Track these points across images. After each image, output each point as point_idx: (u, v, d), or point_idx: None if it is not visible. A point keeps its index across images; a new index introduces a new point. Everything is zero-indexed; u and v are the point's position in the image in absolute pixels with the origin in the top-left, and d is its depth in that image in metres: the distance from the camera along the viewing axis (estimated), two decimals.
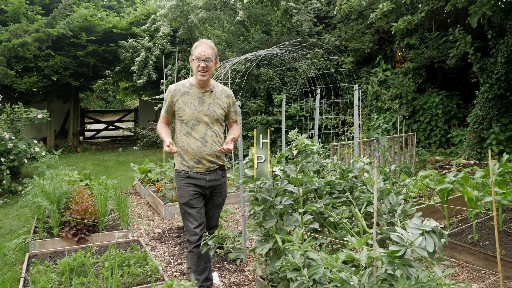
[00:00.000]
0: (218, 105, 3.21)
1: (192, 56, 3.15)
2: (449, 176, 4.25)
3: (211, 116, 3.17)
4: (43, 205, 5.03)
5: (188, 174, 3.18)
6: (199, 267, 3.23)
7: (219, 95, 3.24)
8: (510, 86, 7.51)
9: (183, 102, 3.15)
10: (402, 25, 7.81)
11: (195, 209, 3.19)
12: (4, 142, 8.09)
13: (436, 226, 2.25)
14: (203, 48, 3.10)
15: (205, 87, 3.19)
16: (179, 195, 3.27)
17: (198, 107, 3.15)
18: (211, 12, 9.87)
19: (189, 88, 3.18)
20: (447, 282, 2.66)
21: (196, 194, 3.20)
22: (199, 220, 3.21)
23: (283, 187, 2.94)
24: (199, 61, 3.06)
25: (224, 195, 3.38)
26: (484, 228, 4.34)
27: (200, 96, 3.17)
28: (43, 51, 11.25)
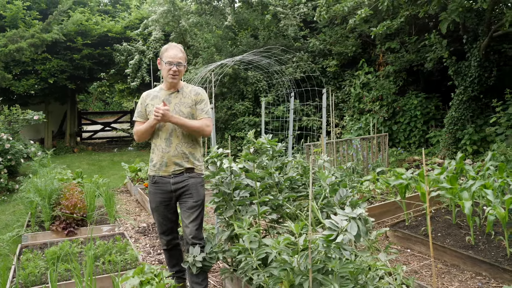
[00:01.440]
0: (184, 104, 3.17)
1: (162, 59, 3.12)
2: (406, 173, 4.61)
3: (177, 116, 3.12)
4: (35, 201, 5.42)
5: (154, 179, 3.18)
6: (171, 262, 3.48)
7: (187, 94, 3.21)
8: (483, 89, 7.86)
9: (152, 106, 3.15)
10: (381, 30, 8.18)
11: (160, 216, 3.25)
12: (2, 143, 8.48)
13: (361, 214, 2.61)
14: (174, 52, 3.09)
15: (172, 89, 3.19)
16: (150, 200, 3.33)
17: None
18: (201, 17, 10.24)
19: (158, 92, 3.22)
20: (378, 264, 3.03)
21: (163, 202, 3.20)
22: (164, 227, 3.29)
23: (240, 181, 3.30)
24: (171, 65, 3.05)
25: (196, 198, 3.19)
26: (440, 222, 4.70)
27: (166, 98, 3.16)
28: (40, 54, 11.64)
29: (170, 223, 3.32)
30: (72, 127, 14.67)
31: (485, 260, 3.66)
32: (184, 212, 3.19)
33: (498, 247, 3.84)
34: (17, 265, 4.14)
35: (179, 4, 11.25)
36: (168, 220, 3.28)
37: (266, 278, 2.87)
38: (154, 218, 3.34)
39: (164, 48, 3.17)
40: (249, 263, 2.81)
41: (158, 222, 3.30)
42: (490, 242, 3.95)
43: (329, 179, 3.44)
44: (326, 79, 10.30)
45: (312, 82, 10.16)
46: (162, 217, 3.26)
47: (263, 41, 9.87)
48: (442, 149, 8.13)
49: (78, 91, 14.97)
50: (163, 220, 3.27)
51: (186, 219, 3.18)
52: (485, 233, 4.15)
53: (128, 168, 8.37)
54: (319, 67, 10.22)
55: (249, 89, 9.88)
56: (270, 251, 2.87)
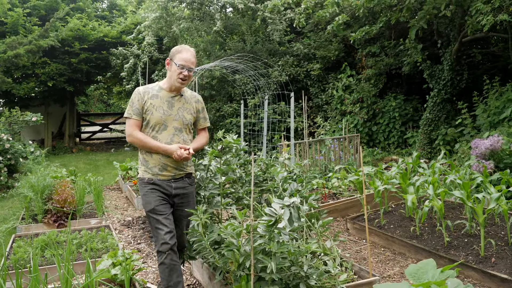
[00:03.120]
0: (187, 110, 3.07)
1: (173, 60, 2.95)
2: (365, 170, 5.04)
3: (180, 121, 3.02)
4: (29, 195, 5.90)
5: (152, 181, 2.97)
6: (171, 281, 2.94)
7: (189, 99, 3.11)
8: (455, 91, 8.26)
9: (152, 105, 2.96)
10: (360, 35, 8.60)
11: (163, 215, 2.95)
12: (2, 143, 8.98)
13: (294, 202, 3.06)
14: (188, 55, 2.95)
15: (175, 91, 3.04)
16: (144, 203, 3.00)
17: (167, 111, 2.98)
18: (192, 23, 10.71)
19: (158, 91, 3.02)
20: (313, 247, 3.46)
21: (163, 200, 2.99)
22: (170, 227, 2.96)
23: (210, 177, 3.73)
24: (182, 69, 2.91)
25: (193, 207, 3.13)
26: (396, 215, 5.12)
27: (169, 100, 3.00)
28: (40, 59, 12.15)
29: (172, 224, 3.02)
30: (71, 128, 15.19)
31: (425, 248, 4.08)
32: (182, 220, 3.12)
33: (439, 236, 4.26)
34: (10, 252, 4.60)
35: (172, 10, 11.73)
36: (169, 219, 2.99)
37: (217, 259, 3.32)
38: (153, 221, 2.95)
39: (176, 49, 2.99)
40: (202, 245, 3.25)
41: (160, 222, 2.93)
42: (434, 233, 4.37)
43: (281, 175, 3.88)
44: (310, 82, 10.74)
45: (297, 85, 10.59)
46: (164, 216, 2.96)
47: (250, 46, 10.32)
48: (418, 149, 8.54)
49: (77, 93, 15.49)
50: (165, 219, 2.95)
51: (184, 227, 3.13)
52: (432, 224, 4.57)
53: (119, 166, 8.83)
54: (304, 71, 10.66)
55: (237, 91, 10.34)
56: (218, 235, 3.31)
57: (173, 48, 3.06)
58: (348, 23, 10.22)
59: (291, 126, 5.28)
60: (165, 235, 2.92)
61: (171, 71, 2.98)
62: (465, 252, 3.87)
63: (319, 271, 3.28)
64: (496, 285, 3.38)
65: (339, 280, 3.34)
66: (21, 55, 8.18)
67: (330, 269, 3.39)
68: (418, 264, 2.84)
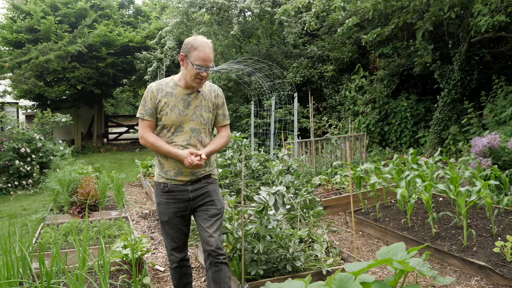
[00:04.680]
0: (205, 108, 2.76)
1: (189, 58, 2.58)
2: (362, 166, 5.31)
3: (197, 122, 2.73)
4: (56, 189, 6.48)
5: (167, 188, 2.73)
6: (181, 283, 2.97)
7: (207, 95, 2.78)
8: (466, 91, 8.35)
9: (166, 105, 2.67)
10: (371, 37, 8.82)
11: (173, 230, 2.79)
12: (35, 142, 9.72)
13: (279, 190, 3.40)
14: (206, 52, 2.57)
15: (191, 88, 2.71)
16: (159, 212, 2.82)
17: (183, 111, 2.69)
18: (211, 27, 11.18)
19: (173, 88, 2.69)
20: (299, 233, 3.77)
21: (178, 212, 2.76)
22: (178, 242, 2.82)
23: None
24: (200, 69, 2.56)
25: (219, 205, 2.81)
26: (393, 209, 5.35)
27: (185, 98, 2.69)
28: (70, 63, 12.96)
29: (184, 237, 2.87)
30: (99, 129, 16.00)
31: (414, 238, 4.32)
32: (206, 221, 2.74)
33: (429, 228, 4.49)
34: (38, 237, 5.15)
35: (193, 16, 12.26)
36: (182, 233, 2.83)
37: None
38: (165, 232, 2.83)
39: (191, 44, 2.59)
40: None
41: (170, 237, 2.82)
42: (424, 225, 4.60)
43: (276, 168, 4.22)
44: (324, 83, 11.00)
45: (312, 86, 10.87)
46: (176, 231, 2.80)
47: (265, 49, 10.69)
48: (429, 149, 8.66)
49: (104, 96, 16.31)
50: (176, 234, 2.80)
51: (209, 228, 2.72)
52: (424, 217, 4.79)
53: (140, 164, 9.38)
54: (318, 72, 10.93)
55: (253, 93, 10.73)
56: None
57: (186, 39, 2.65)
58: (362, 25, 10.43)
59: (294, 124, 5.60)
60: (173, 250, 2.83)
61: (186, 70, 2.62)
62: (450, 242, 4.09)
63: (305, 254, 3.61)
64: (475, 272, 3.61)
65: (325, 263, 3.65)
66: (51, 60, 8.87)
67: (317, 253, 3.71)
68: (390, 247, 3.14)
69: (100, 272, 3.53)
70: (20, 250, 3.59)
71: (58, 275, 3.60)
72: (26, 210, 7.56)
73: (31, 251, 3.76)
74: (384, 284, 2.75)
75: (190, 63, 2.57)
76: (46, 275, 3.24)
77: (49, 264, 3.55)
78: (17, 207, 7.87)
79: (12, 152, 9.36)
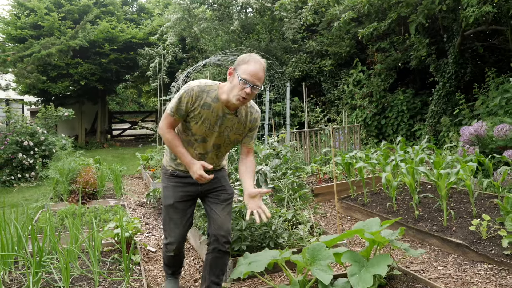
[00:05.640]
0: (235, 131, 2.63)
1: (237, 71, 2.40)
2: (351, 153, 5.43)
3: (222, 139, 2.63)
4: (55, 177, 6.67)
5: (176, 173, 2.70)
6: (175, 266, 3.03)
7: (242, 118, 2.61)
8: (460, 84, 8.42)
9: (199, 115, 2.52)
10: (367, 32, 8.92)
11: (178, 215, 2.71)
12: (38, 135, 9.95)
13: (262, 169, 3.54)
14: (256, 68, 2.37)
15: (232, 109, 2.54)
16: (164, 196, 2.75)
17: (213, 127, 2.56)
18: (211, 23, 11.35)
19: (213, 101, 2.51)
20: (283, 211, 3.91)
21: (185, 196, 2.70)
22: (180, 229, 2.73)
23: None
24: (245, 84, 2.35)
25: (229, 190, 2.79)
26: (381, 195, 5.47)
27: (220, 116, 2.54)
28: (73, 59, 13.20)
29: (187, 225, 2.78)
30: (103, 125, 16.24)
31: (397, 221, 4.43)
32: (217, 205, 2.71)
33: (413, 211, 4.60)
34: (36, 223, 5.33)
35: (194, 12, 12.43)
36: (185, 219, 2.75)
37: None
38: (168, 218, 2.74)
39: (243, 59, 2.44)
40: None
41: (173, 222, 2.71)
42: (409, 208, 4.72)
43: (264, 152, 4.36)
44: (323, 78, 11.11)
45: (311, 80, 10.99)
46: (180, 216, 2.71)
47: (265, 44, 10.83)
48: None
49: (108, 92, 16.54)
50: (180, 220, 2.71)
51: (221, 212, 2.68)
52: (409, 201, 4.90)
53: (141, 157, 9.58)
54: (316, 67, 11.05)
55: None
56: None
57: (240, 56, 2.49)
58: (360, 21, 10.53)
59: (287, 113, 5.73)
60: (174, 237, 2.73)
61: (232, 83, 2.43)
62: (431, 223, 4.21)
63: (288, 232, 3.74)
64: (452, 250, 3.72)
65: (308, 242, 3.78)
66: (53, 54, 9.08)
67: (301, 233, 3.84)
68: (365, 221, 3.29)
69: (90, 247, 3.70)
70: (15, 229, 3.77)
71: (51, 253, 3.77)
72: (27, 200, 7.76)
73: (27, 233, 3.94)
74: (356, 254, 2.89)
75: (236, 76, 2.39)
76: (39, 251, 3.41)
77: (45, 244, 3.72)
78: (19, 198, 8.08)
79: (15, 145, 9.57)
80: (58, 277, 3.34)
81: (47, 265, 3.51)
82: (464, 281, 3.17)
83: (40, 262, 3.39)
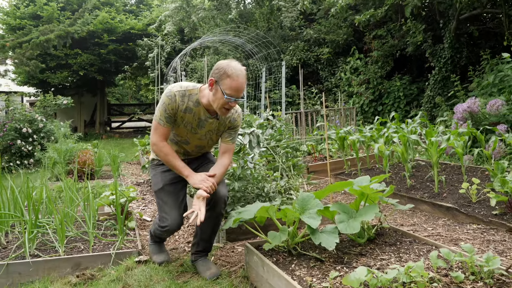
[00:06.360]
0: (217, 132, 2.70)
1: (220, 85, 2.37)
2: (345, 129, 5.49)
3: (204, 141, 2.72)
4: (53, 157, 6.73)
5: (161, 161, 2.71)
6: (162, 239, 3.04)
7: (223, 121, 2.66)
8: (456, 69, 8.47)
9: (181, 118, 2.56)
10: (364, 18, 8.97)
11: (172, 197, 2.67)
12: (36, 123, 10.01)
13: (254, 131, 3.59)
14: (239, 82, 2.37)
15: (213, 113, 2.58)
16: (154, 183, 2.76)
17: (195, 129, 2.62)
18: (208, 12, 11.40)
19: (195, 105, 2.54)
20: (277, 175, 3.96)
21: (175, 179, 2.70)
22: (177, 210, 2.65)
23: None
24: (230, 99, 2.37)
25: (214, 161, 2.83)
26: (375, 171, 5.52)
27: (202, 119, 2.59)
28: (72, 50, 13.25)
29: (182, 207, 2.71)
30: (102, 117, 16.30)
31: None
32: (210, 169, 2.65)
33: (405, 181, 4.66)
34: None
35: (193, 2, 12.49)
36: (180, 202, 2.71)
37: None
38: (161, 202, 2.69)
39: (225, 71, 2.37)
40: None
41: (168, 206, 2.66)
42: (402, 180, 4.77)
43: (257, 121, 4.41)
44: (321, 66, 11.17)
45: (308, 69, 11.04)
46: (174, 198, 2.68)
47: (262, 32, 10.88)
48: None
49: (107, 84, 16.60)
50: (174, 202, 2.67)
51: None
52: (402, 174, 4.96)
53: (139, 142, 9.63)
54: (314, 55, 11.11)
55: (250, 75, 10.94)
56: None
57: (219, 63, 2.43)
58: (357, 9, 10.58)
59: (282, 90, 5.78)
60: (171, 219, 2.62)
61: (215, 96, 2.42)
62: (423, 191, 4.26)
63: (281, 197, 3.80)
64: (443, 214, 3.78)
65: None
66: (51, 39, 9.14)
67: (293, 197, 3.89)
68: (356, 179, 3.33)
69: (86, 210, 3.76)
70: (12, 191, 3.82)
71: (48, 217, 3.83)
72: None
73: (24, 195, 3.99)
74: (345, 206, 2.95)
75: (220, 91, 2.37)
76: (35, 210, 3.46)
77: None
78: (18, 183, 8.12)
79: (14, 132, 9.63)
80: (54, 237, 3.40)
81: (43, 225, 3.57)
82: (452, 238, 3.22)
83: (35, 223, 3.44)
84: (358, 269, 2.08)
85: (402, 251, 2.63)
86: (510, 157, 4.27)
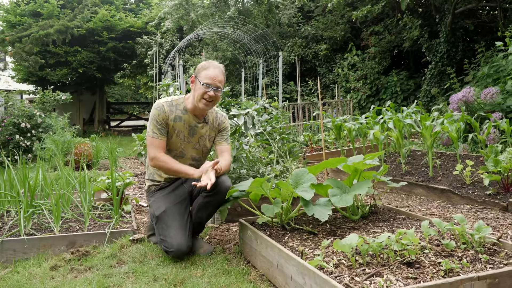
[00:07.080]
0: (210, 138, 2.77)
1: (198, 78, 2.57)
2: (341, 117, 5.52)
3: (199, 151, 2.75)
4: (51, 148, 6.75)
5: (159, 186, 2.73)
6: None
7: (212, 125, 2.75)
8: (452, 63, 8.51)
9: (173, 128, 2.62)
10: (361, 14, 9.02)
11: (176, 217, 2.59)
12: (35, 118, 10.03)
13: (248, 112, 3.62)
14: (216, 72, 2.55)
15: (200, 116, 2.68)
16: (154, 209, 2.65)
17: (188, 138, 2.67)
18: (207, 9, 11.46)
19: (183, 113, 2.64)
20: (272, 157, 3.98)
21: (177, 198, 2.66)
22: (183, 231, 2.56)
23: None
24: (208, 88, 2.51)
25: None
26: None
27: (192, 126, 2.66)
28: (72, 47, 13.30)
29: (187, 222, 2.64)
30: (100, 114, 16.33)
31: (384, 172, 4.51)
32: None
33: (401, 168, 4.68)
34: None
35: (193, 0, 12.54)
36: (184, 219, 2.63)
37: None
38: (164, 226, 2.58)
39: (202, 66, 2.60)
40: None
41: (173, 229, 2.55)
42: (397, 166, 4.80)
43: (254, 106, 4.44)
44: (319, 62, 11.22)
45: (306, 65, 11.08)
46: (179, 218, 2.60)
47: (261, 29, 10.93)
48: None
49: (106, 81, 16.64)
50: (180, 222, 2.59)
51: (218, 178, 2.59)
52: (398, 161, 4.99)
53: (137, 137, 9.66)
54: (312, 52, 11.16)
55: (249, 72, 10.98)
56: None
57: (199, 64, 2.66)
58: (355, 6, 10.63)
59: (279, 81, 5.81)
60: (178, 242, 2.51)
61: (195, 90, 2.59)
62: (418, 176, 4.29)
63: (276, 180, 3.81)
64: (437, 197, 3.80)
65: None
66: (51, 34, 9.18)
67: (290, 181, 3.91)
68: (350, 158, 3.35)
69: (82, 191, 3.78)
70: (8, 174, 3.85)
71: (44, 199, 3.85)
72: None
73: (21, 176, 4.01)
74: (338, 181, 2.97)
75: (198, 82, 2.55)
76: (30, 190, 3.48)
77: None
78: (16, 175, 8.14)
79: (13, 126, 9.64)
80: (50, 218, 3.41)
81: (39, 206, 3.58)
82: (446, 217, 3.24)
83: (31, 203, 3.46)
84: (349, 236, 2.11)
85: (395, 225, 2.65)
86: (504, 142, 4.30)
